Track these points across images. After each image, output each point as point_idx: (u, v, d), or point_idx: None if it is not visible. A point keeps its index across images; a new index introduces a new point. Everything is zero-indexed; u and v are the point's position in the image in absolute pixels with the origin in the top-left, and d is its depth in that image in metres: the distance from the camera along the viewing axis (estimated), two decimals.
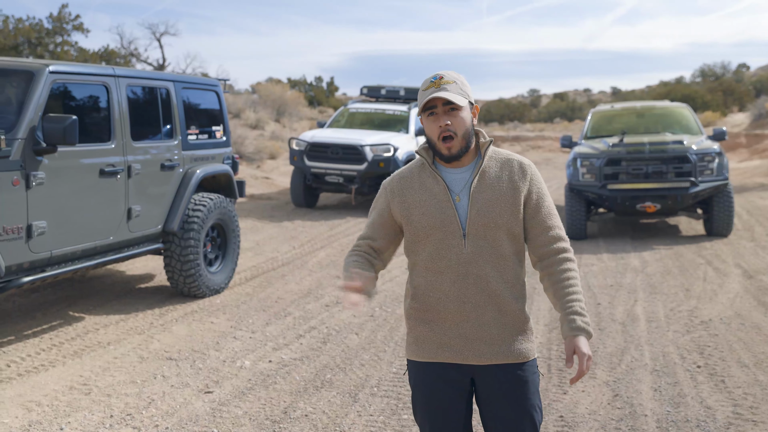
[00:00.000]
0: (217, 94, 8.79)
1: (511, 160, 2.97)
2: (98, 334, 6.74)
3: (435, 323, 2.92)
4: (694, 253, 10.37)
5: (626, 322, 7.14)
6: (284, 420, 4.97)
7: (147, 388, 5.48)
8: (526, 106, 64.91)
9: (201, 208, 7.89)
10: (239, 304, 7.86)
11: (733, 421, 4.90)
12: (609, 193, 11.41)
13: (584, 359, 2.81)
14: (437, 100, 2.86)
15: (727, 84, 47.33)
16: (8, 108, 6.22)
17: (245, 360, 6.14)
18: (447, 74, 2.91)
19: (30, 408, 5.07)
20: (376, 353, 6.31)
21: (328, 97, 51.88)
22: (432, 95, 2.84)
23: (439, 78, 2.89)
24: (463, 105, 2.88)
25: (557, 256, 2.94)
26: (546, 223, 2.94)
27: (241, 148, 21.04)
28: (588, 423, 4.90)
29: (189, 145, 8.05)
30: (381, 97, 17.36)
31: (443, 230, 2.87)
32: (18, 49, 31.06)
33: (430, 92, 2.86)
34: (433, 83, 2.88)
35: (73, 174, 6.47)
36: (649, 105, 14.24)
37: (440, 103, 2.86)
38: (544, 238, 2.95)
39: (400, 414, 5.04)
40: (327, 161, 14.55)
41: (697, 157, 11.29)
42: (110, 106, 6.94)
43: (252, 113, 28.73)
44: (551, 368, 5.91)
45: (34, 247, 6.10)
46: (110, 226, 6.94)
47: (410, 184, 2.97)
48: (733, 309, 7.52)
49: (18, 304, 7.61)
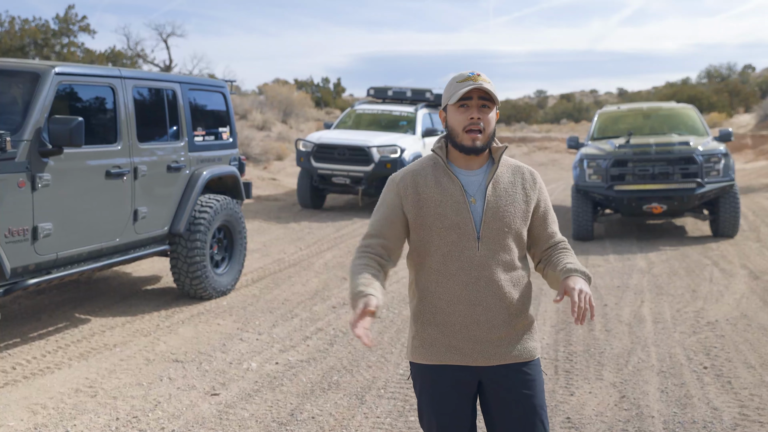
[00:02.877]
0: (224, 96, 8.79)
1: (521, 168, 3.01)
2: (104, 336, 6.75)
3: (444, 326, 2.90)
4: (700, 254, 10.35)
5: (633, 323, 7.12)
6: (291, 422, 4.97)
7: (153, 391, 5.48)
8: (532, 107, 64.96)
9: (207, 210, 7.89)
10: (246, 305, 7.86)
11: (740, 422, 4.88)
12: (615, 194, 11.40)
13: (575, 293, 2.72)
14: (475, 92, 2.85)
15: (732, 85, 47.31)
16: (14, 109, 6.22)
17: (252, 362, 6.14)
18: (483, 74, 2.92)
19: (35, 411, 5.08)
20: (383, 355, 6.30)
21: (335, 98, 51.89)
22: (473, 86, 2.83)
23: (477, 74, 2.88)
24: (495, 104, 2.90)
25: (557, 245, 3.05)
26: (550, 229, 3.05)
27: (247, 149, 21.05)
28: (595, 424, 4.88)
29: (195, 147, 8.05)
30: (388, 98, 17.36)
31: (458, 232, 2.85)
32: (24, 50, 31.15)
33: (469, 84, 2.85)
34: (471, 77, 2.87)
35: (79, 175, 6.47)
36: (656, 106, 14.22)
37: (476, 95, 2.86)
38: (549, 242, 3.04)
39: (407, 416, 5.03)
40: (334, 162, 14.55)
41: (703, 158, 11.27)
42: (116, 107, 6.95)
43: (259, 114, 28.75)
44: (558, 369, 5.89)
45: (39, 248, 6.10)
46: (116, 228, 6.95)
47: (424, 181, 2.93)
48: (739, 310, 7.50)
49: (24, 306, 7.62)
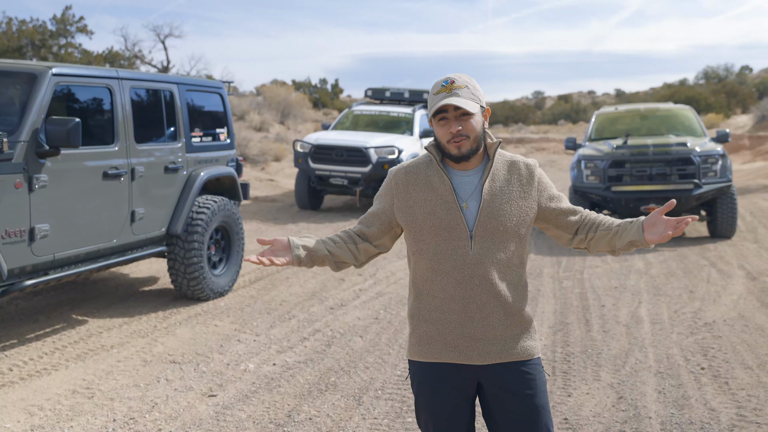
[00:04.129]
0: (221, 96, 8.79)
1: (516, 162, 2.95)
2: (101, 337, 6.74)
3: (439, 323, 2.89)
4: (697, 255, 10.36)
5: (630, 324, 7.12)
6: (288, 423, 4.96)
7: (150, 392, 5.48)
8: (530, 107, 65.05)
9: (205, 211, 7.89)
10: (243, 307, 7.86)
11: (737, 423, 4.88)
12: (613, 194, 11.41)
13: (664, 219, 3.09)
14: (448, 107, 2.80)
15: (730, 86, 47.33)
16: (11, 110, 6.22)
17: (249, 363, 6.13)
18: (458, 78, 2.84)
19: (32, 412, 5.07)
20: (381, 356, 6.30)
21: (333, 99, 51.83)
22: (443, 102, 2.77)
23: (450, 82, 2.82)
24: (475, 111, 2.82)
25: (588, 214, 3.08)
26: (566, 207, 3.03)
27: (245, 150, 21.03)
28: (592, 425, 4.88)
29: (193, 148, 8.04)
30: (385, 99, 17.38)
31: (449, 231, 2.83)
32: (21, 50, 31.11)
33: (441, 97, 2.80)
34: (444, 87, 2.81)
35: (76, 176, 6.47)
36: (653, 107, 14.22)
37: (451, 108, 2.81)
38: (573, 217, 3.04)
39: (404, 417, 5.03)
40: (331, 163, 14.56)
41: (700, 159, 11.28)
42: (114, 108, 6.94)
43: (256, 115, 28.72)
44: (555, 370, 5.89)
45: (36, 250, 6.10)
46: (114, 229, 6.94)
47: (415, 179, 2.92)
48: (736, 311, 7.51)
49: (21, 307, 7.61)
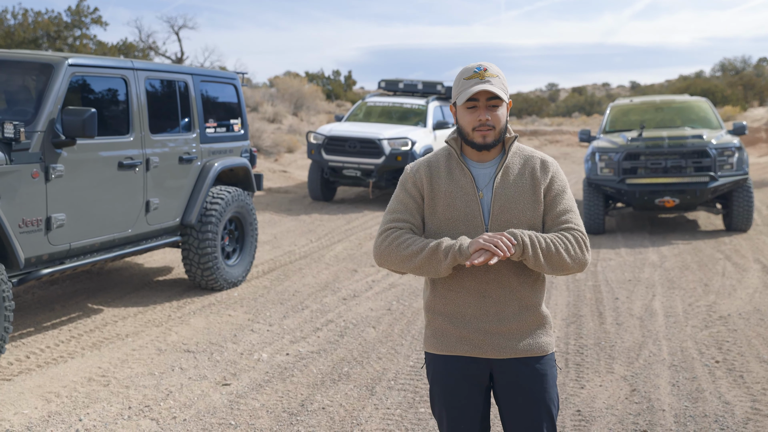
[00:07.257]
0: (236, 88, 8.80)
1: (533, 157, 2.93)
2: (117, 326, 6.78)
3: (455, 317, 2.89)
4: (712, 248, 10.31)
5: (644, 317, 7.10)
6: (301, 413, 4.98)
7: (165, 380, 5.51)
8: (544, 100, 64.87)
9: (219, 201, 7.91)
10: (257, 297, 7.88)
11: (752, 416, 4.87)
12: (627, 187, 11.35)
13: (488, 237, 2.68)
14: (482, 94, 2.79)
15: (747, 78, 46.97)
16: (28, 100, 6.26)
17: (263, 353, 6.15)
18: (491, 67, 2.83)
19: (49, 399, 5.11)
20: (393, 347, 6.31)
21: (346, 91, 51.77)
22: (478, 88, 2.76)
23: (483, 69, 2.81)
24: (505, 101, 2.83)
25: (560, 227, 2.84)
26: (561, 218, 2.84)
27: (258, 141, 21.05)
28: (605, 417, 4.88)
29: (207, 138, 8.06)
30: (399, 91, 17.34)
31: (466, 224, 2.83)
32: (37, 42, 31.22)
33: (474, 83, 2.79)
34: (477, 74, 2.80)
35: (91, 167, 6.50)
36: (669, 99, 14.13)
37: (484, 96, 2.80)
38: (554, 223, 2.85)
39: (417, 407, 5.04)
40: (344, 155, 14.56)
41: (716, 151, 11.21)
42: (129, 99, 6.97)
43: (270, 107, 28.72)
44: (568, 362, 5.89)
45: (53, 239, 6.14)
46: (128, 219, 6.97)
47: (437, 172, 2.91)
48: (752, 304, 7.47)
49: (37, 295, 7.66)
